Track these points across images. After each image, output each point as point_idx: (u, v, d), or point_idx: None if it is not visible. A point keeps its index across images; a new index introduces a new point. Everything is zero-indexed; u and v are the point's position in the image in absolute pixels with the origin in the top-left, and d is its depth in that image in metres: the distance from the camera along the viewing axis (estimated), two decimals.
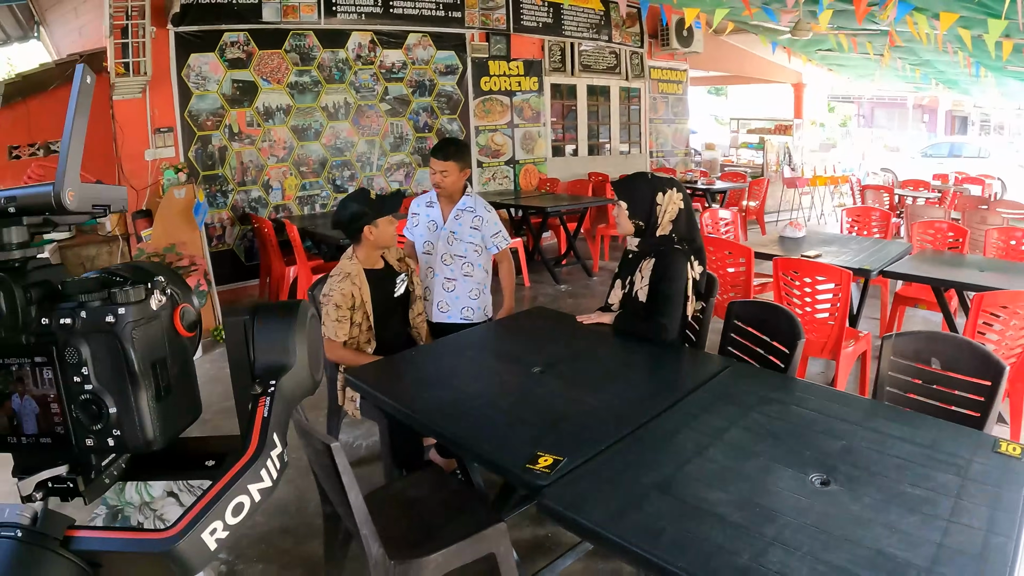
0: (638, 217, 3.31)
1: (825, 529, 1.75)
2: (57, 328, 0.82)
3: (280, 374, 0.90)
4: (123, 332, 0.82)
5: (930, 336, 3.00)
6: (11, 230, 0.84)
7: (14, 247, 0.85)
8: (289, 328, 0.92)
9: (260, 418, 0.87)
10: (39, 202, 0.81)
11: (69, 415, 0.83)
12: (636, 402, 2.57)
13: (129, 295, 0.82)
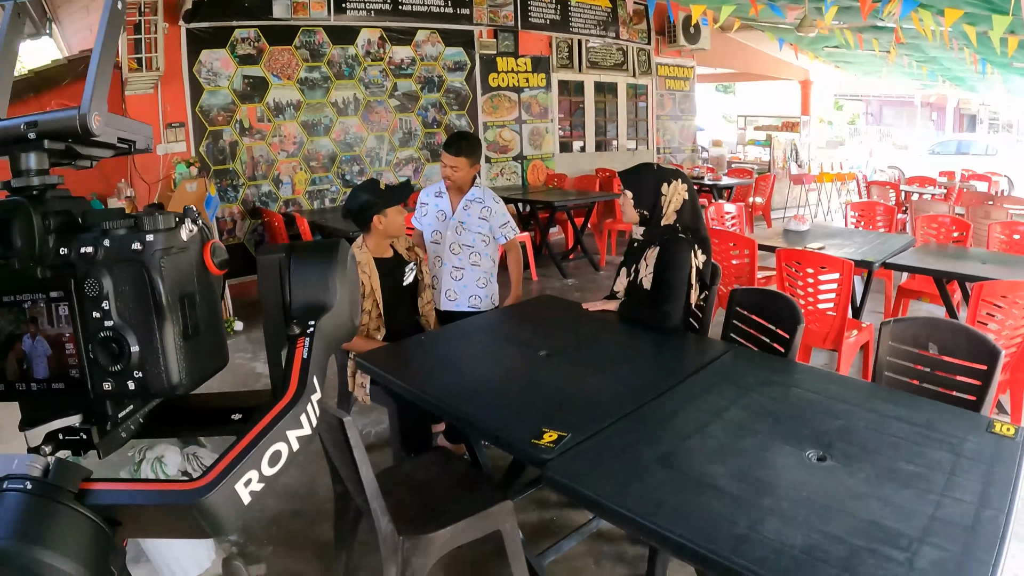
0: (643, 206, 3.38)
1: (820, 501, 1.81)
2: (77, 258, 0.77)
3: (320, 314, 0.85)
4: (150, 261, 0.76)
5: (927, 322, 3.05)
6: (30, 155, 0.80)
7: (33, 173, 0.80)
8: (329, 266, 0.87)
9: (299, 359, 0.81)
10: (62, 126, 0.76)
11: (86, 355, 0.77)
12: (639, 383, 2.65)
13: (158, 221, 0.77)
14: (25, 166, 0.79)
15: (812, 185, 14.02)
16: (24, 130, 0.77)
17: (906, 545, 1.63)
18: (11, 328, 0.78)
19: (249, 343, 6.35)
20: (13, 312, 0.78)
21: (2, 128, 0.79)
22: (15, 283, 0.77)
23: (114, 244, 0.76)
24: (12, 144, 0.79)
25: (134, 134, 0.84)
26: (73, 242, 0.77)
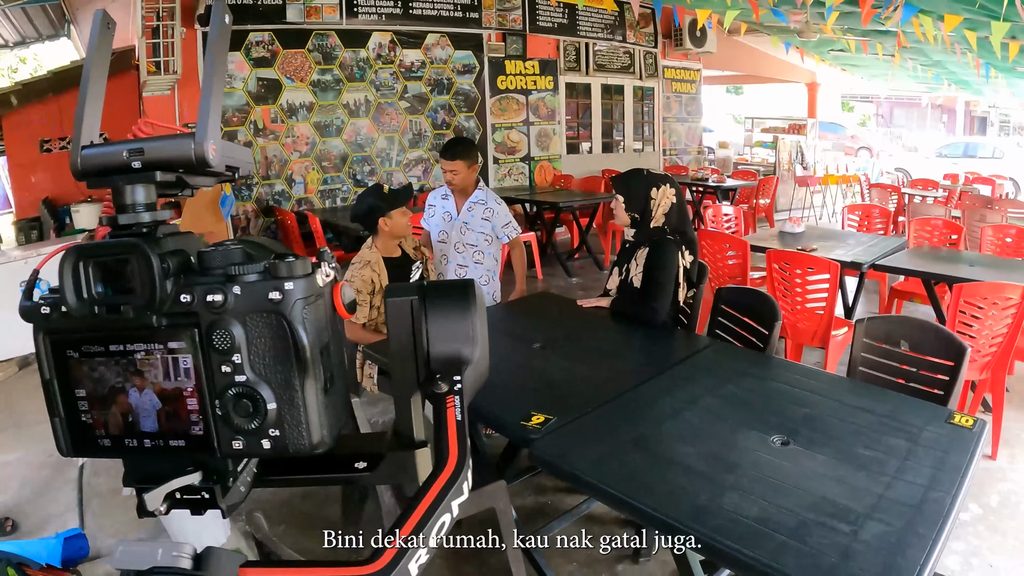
0: (634, 210, 3.59)
1: (778, 480, 2.01)
2: (201, 306, 0.71)
3: (463, 367, 0.79)
4: (292, 311, 0.71)
5: (899, 320, 3.25)
6: (137, 188, 0.75)
7: (142, 208, 0.75)
8: (469, 313, 0.80)
9: (453, 421, 0.75)
10: (175, 155, 0.73)
11: (212, 412, 0.72)
12: (623, 373, 2.87)
13: (296, 267, 0.72)
14: (132, 200, 0.75)
15: (817, 187, 14.15)
16: (128, 158, 0.74)
17: (853, 519, 1.81)
18: (118, 380, 0.73)
19: None
20: (121, 363, 0.72)
21: (101, 154, 0.75)
22: (126, 331, 0.72)
23: (247, 292, 0.71)
24: (114, 173, 0.76)
25: (239, 160, 0.81)
26: (195, 288, 0.71)
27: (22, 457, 4.51)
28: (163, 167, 0.74)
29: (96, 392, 0.73)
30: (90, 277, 0.71)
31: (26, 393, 5.67)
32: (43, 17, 10.04)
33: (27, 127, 7.75)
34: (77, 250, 0.71)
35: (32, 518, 3.81)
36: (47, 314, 0.73)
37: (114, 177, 0.75)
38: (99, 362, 0.72)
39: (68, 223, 7.50)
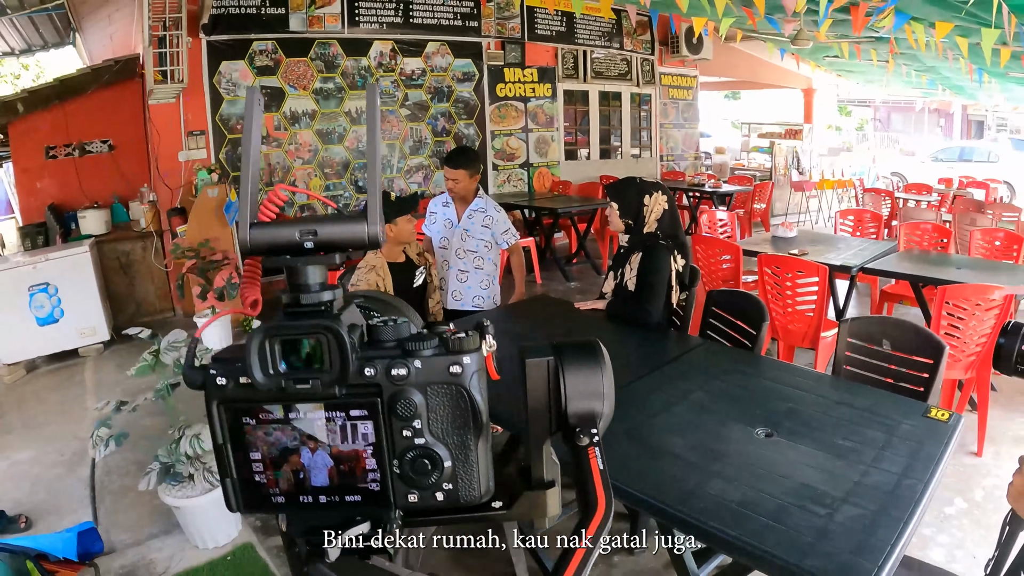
0: (627, 216, 3.74)
1: (761, 467, 2.15)
2: (384, 379, 0.78)
3: (597, 421, 0.85)
4: (469, 383, 0.79)
5: (881, 320, 3.40)
6: (316, 269, 0.80)
7: (320, 287, 0.80)
8: (602, 373, 0.87)
9: (597, 471, 0.81)
10: (349, 238, 0.78)
11: (390, 470, 0.79)
12: (618, 371, 2.93)
13: (469, 343, 0.80)
14: (312, 280, 0.80)
15: (813, 192, 14.29)
16: (300, 239, 0.78)
17: (830, 503, 1.95)
18: (293, 443, 0.79)
19: None
20: (298, 428, 0.78)
21: (273, 234, 0.79)
22: (305, 399, 0.78)
23: (427, 366, 0.78)
24: (286, 252, 0.79)
25: None
26: (378, 362, 0.78)
27: (34, 456, 4.64)
28: (335, 248, 0.79)
29: (269, 453, 0.79)
30: (276, 354, 0.76)
31: (35, 395, 5.80)
32: (49, 26, 10.17)
33: (33, 134, 7.86)
34: (265, 330, 0.76)
35: (45, 515, 3.93)
36: (223, 385, 0.78)
37: (292, 257, 0.79)
38: (276, 428, 0.78)
39: (74, 228, 7.61)
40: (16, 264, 6.34)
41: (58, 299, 6.36)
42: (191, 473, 3.35)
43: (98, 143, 8.16)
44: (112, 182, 8.11)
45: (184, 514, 3.47)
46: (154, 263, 7.61)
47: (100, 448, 3.21)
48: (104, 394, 5.46)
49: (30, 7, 8.43)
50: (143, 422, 3.95)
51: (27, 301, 6.24)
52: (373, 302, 0.93)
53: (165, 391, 3.39)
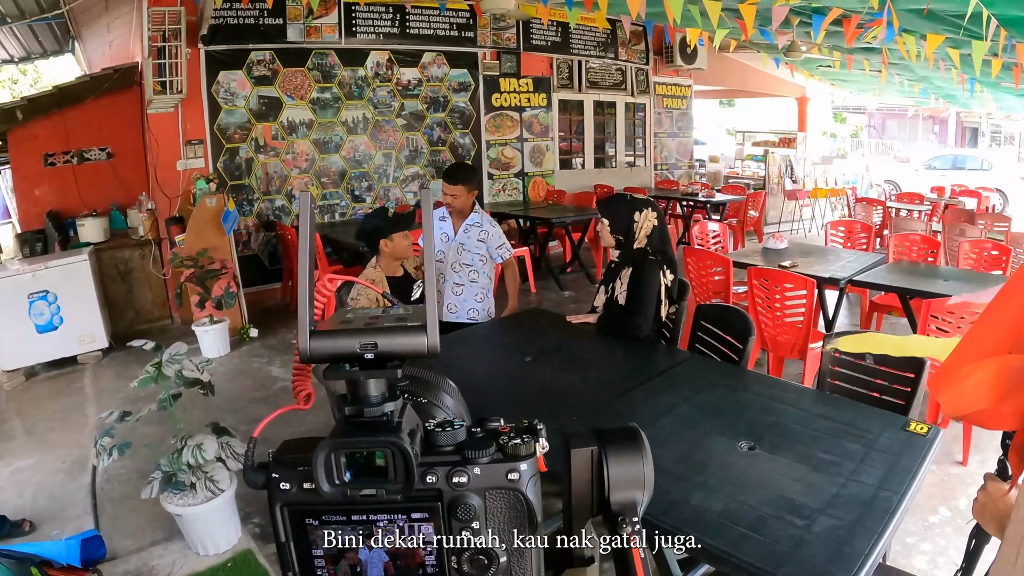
0: (618, 232, 3.84)
1: (742, 479, 2.23)
2: (445, 484, 0.80)
3: (637, 508, 0.89)
4: (527, 488, 0.81)
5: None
6: (379, 383, 0.82)
7: (381, 399, 0.82)
8: (643, 461, 0.90)
9: (639, 559, 0.85)
10: (409, 350, 0.80)
11: (448, 567, 0.82)
12: (607, 383, 3.12)
13: (523, 450, 0.82)
14: (372, 392, 0.82)
15: (806, 201, 14.38)
16: (361, 350, 0.80)
17: (807, 514, 2.02)
18: (352, 542, 0.82)
19: (265, 349, 6.79)
20: (359, 528, 0.81)
21: (335, 345, 0.81)
22: (370, 505, 0.80)
23: (486, 473, 0.80)
24: (347, 362, 0.82)
25: None
26: (438, 469, 0.80)
27: (36, 463, 4.69)
28: (394, 359, 0.81)
29: (330, 551, 0.82)
30: (341, 466, 0.78)
31: (35, 402, 5.85)
32: (48, 34, 10.22)
33: (32, 141, 7.91)
34: (331, 445, 0.78)
35: (49, 521, 3.98)
36: (287, 490, 0.81)
37: (354, 370, 0.82)
38: (338, 528, 0.81)
39: (73, 236, 7.67)
40: (16, 272, 6.39)
41: (57, 307, 6.42)
42: (192, 482, 3.42)
43: (97, 151, 8.22)
44: (111, 190, 8.18)
45: (185, 521, 3.54)
46: (152, 271, 7.67)
47: (104, 457, 3.28)
48: (104, 401, 5.54)
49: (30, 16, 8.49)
50: (143, 430, 4.01)
51: (26, 308, 6.30)
52: (417, 384, 0.96)
53: (168, 402, 3.46)
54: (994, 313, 0.92)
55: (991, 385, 0.84)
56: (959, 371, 0.89)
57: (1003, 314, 0.89)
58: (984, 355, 0.88)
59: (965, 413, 0.89)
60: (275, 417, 0.90)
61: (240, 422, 4.85)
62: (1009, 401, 0.84)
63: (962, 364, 0.89)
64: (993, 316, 0.92)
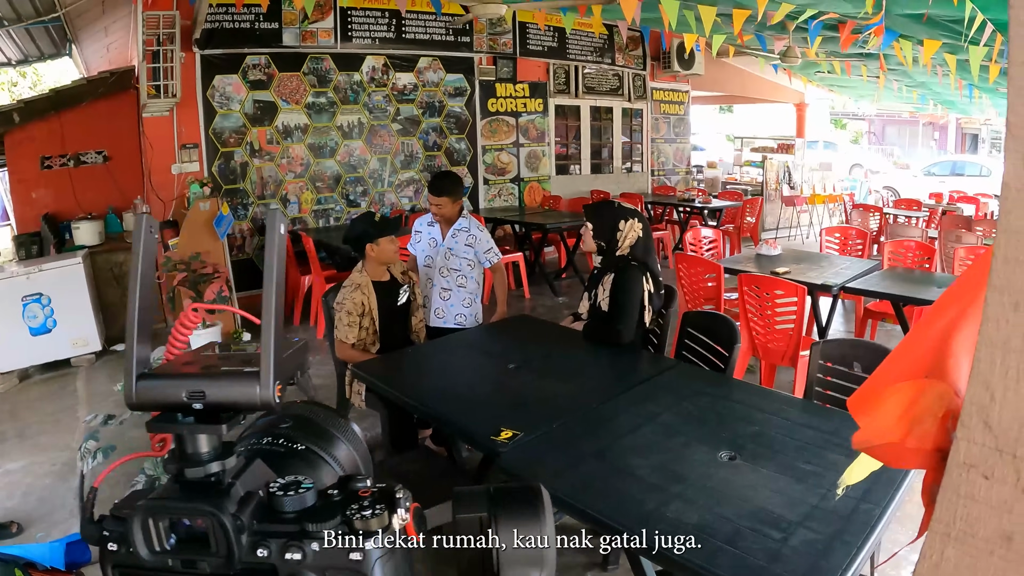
0: (601, 238, 3.84)
1: (721, 490, 2.22)
2: (279, 560, 0.71)
3: None
4: (373, 570, 0.72)
5: (852, 343, 3.47)
6: (204, 437, 0.73)
7: (208, 458, 0.73)
8: (542, 528, 0.77)
9: None
10: (239, 400, 0.72)
11: None
12: (590, 391, 3.10)
13: (374, 524, 0.72)
14: (199, 449, 0.74)
15: (804, 207, 14.38)
16: (188, 400, 0.72)
17: (785, 527, 2.00)
18: None
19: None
20: None
21: (159, 390, 0.73)
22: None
23: (326, 552, 0.71)
24: (174, 411, 0.74)
25: (299, 363, 0.82)
26: (272, 541, 0.71)
27: (26, 466, 4.69)
28: (225, 410, 0.73)
29: None
30: (161, 532, 0.71)
31: (28, 404, 5.85)
32: (46, 37, 10.21)
33: (29, 144, 7.93)
34: (146, 509, 0.71)
35: (36, 523, 3.98)
36: (114, 551, 0.73)
37: (177, 424, 0.74)
38: None
39: (68, 239, 7.68)
40: (10, 274, 6.40)
41: (51, 309, 6.42)
42: None
43: (93, 154, 8.24)
44: (106, 193, 8.18)
45: None
46: None
47: (88, 460, 3.27)
48: (96, 404, 5.53)
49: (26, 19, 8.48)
50: (130, 433, 3.99)
51: (20, 311, 6.30)
52: (302, 428, 0.83)
53: None
54: (925, 327, 0.88)
55: (902, 414, 0.80)
56: (879, 392, 0.85)
57: (931, 329, 0.86)
58: (906, 375, 0.83)
59: (871, 445, 0.85)
60: (122, 464, 0.83)
61: None
62: (915, 435, 0.79)
63: (883, 384, 0.85)
64: (922, 330, 0.88)
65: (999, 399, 0.66)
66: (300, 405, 0.90)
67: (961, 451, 0.69)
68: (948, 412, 0.77)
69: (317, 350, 6.69)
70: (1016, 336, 0.65)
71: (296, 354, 0.82)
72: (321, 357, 6.38)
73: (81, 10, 7.85)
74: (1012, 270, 0.65)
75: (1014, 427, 0.65)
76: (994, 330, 0.66)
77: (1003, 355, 0.65)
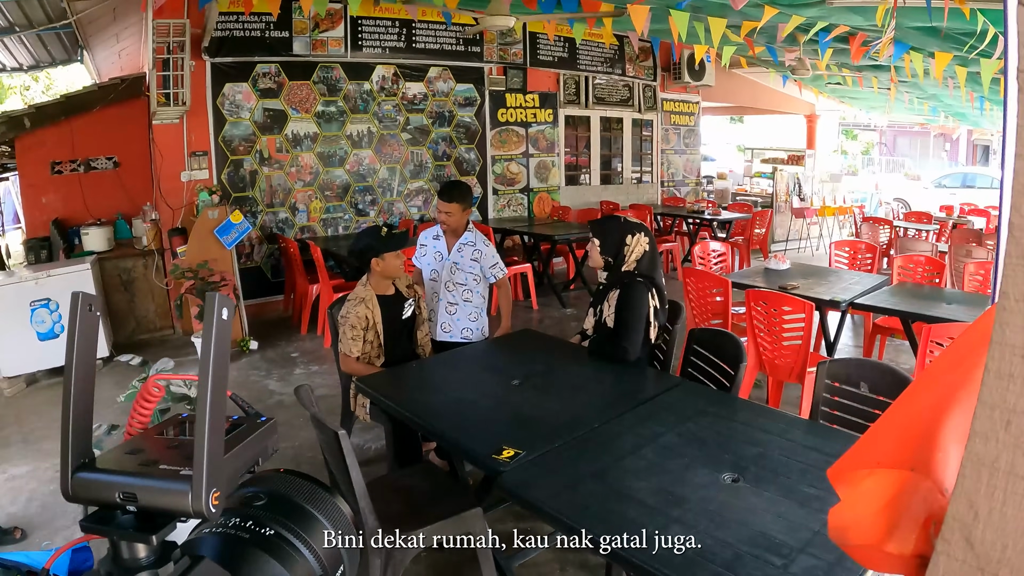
0: (608, 253, 3.82)
1: (722, 514, 2.19)
2: None
3: None
4: None
5: (858, 363, 3.43)
6: (130, 546, 0.68)
7: (142, 564, 0.69)
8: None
9: None
10: (171, 507, 0.67)
11: None
12: (592, 410, 3.08)
13: None
14: (133, 555, 0.69)
15: (814, 219, 14.34)
16: (122, 501, 0.67)
17: (786, 553, 1.97)
18: None
19: (264, 362, 6.77)
20: None
21: (95, 486, 0.68)
22: None
23: None
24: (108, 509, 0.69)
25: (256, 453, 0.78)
26: None
27: (31, 471, 4.70)
28: (158, 515, 0.68)
29: None
30: None
31: (34, 409, 5.86)
32: (57, 43, 10.26)
33: (39, 148, 7.97)
34: None
35: (40, 530, 3.98)
36: None
37: (108, 527, 0.69)
38: None
39: (77, 244, 7.71)
40: (19, 279, 6.43)
41: (59, 315, 6.45)
42: None
43: (103, 160, 8.27)
44: (116, 199, 8.22)
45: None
46: (155, 281, 7.69)
47: None
48: (102, 411, 5.51)
49: (38, 25, 8.52)
50: None
51: (28, 316, 6.33)
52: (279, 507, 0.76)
53: (155, 417, 3.45)
54: (913, 400, 0.81)
55: (881, 508, 0.75)
56: (861, 468, 0.79)
57: (920, 405, 0.81)
58: (890, 459, 0.78)
59: (847, 543, 0.80)
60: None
61: None
62: (895, 540, 0.74)
63: (866, 461, 0.79)
64: (911, 404, 0.81)
65: (983, 518, 0.63)
66: (282, 476, 0.81)
67: (941, 567, 0.67)
68: (930, 516, 0.74)
69: (324, 360, 6.70)
70: (1005, 455, 0.62)
71: (254, 443, 0.77)
72: (328, 367, 6.40)
73: (92, 17, 7.87)
74: (1005, 386, 0.62)
75: (997, 547, 0.63)
76: (982, 447, 0.64)
77: (990, 474, 0.63)
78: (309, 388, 2.99)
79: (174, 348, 7.23)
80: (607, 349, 3.74)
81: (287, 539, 0.73)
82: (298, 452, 4.74)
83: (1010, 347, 0.61)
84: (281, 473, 0.80)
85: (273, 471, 0.80)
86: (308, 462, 4.51)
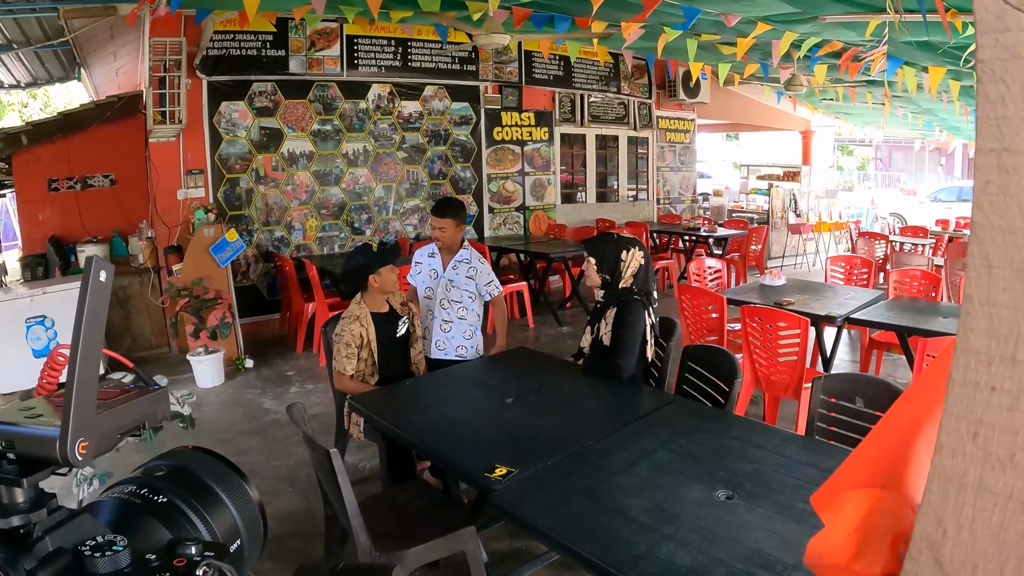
0: (604, 271, 3.82)
1: (716, 531, 2.17)
2: None
3: None
4: None
5: (854, 378, 3.43)
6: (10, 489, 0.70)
7: (13, 510, 0.70)
8: None
9: None
10: (40, 454, 0.69)
11: None
12: (585, 427, 3.07)
13: None
14: (11, 499, 0.71)
15: (810, 235, 14.36)
16: (3, 448, 0.70)
17: (780, 570, 1.96)
18: None
19: (259, 380, 6.76)
20: None
21: None
22: None
23: None
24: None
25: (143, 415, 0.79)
26: None
27: None
28: (33, 462, 0.70)
29: None
30: None
31: None
32: (55, 61, 10.32)
33: (36, 165, 7.99)
34: None
35: None
36: None
37: None
38: None
39: (74, 261, 7.72)
40: (14, 296, 6.42)
41: (54, 332, 6.43)
42: None
43: (100, 177, 8.29)
44: (112, 216, 8.23)
45: None
46: (151, 299, 7.69)
47: (84, 486, 3.26)
48: None
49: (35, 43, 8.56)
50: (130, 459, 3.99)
51: (24, 333, 6.31)
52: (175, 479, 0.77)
53: (148, 434, 3.44)
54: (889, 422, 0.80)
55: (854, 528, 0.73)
56: (840, 493, 0.77)
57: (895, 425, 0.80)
58: (865, 479, 0.76)
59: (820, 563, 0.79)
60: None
61: (228, 454, 4.80)
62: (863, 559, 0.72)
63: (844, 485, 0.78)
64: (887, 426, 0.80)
65: (951, 537, 0.61)
66: (190, 452, 0.83)
67: None
68: (900, 534, 0.72)
69: (319, 378, 6.69)
70: (973, 469, 0.60)
71: (139, 405, 0.79)
72: (323, 385, 6.39)
73: (90, 35, 7.91)
74: (971, 395, 0.59)
75: (967, 567, 0.60)
76: (949, 461, 0.61)
77: (958, 490, 0.60)
78: (302, 406, 2.99)
79: (170, 366, 7.21)
80: (602, 366, 3.74)
81: (179, 507, 0.76)
82: (293, 470, 4.72)
83: (975, 354, 0.59)
84: (191, 450, 0.83)
85: (184, 448, 0.84)
86: (303, 480, 4.50)
